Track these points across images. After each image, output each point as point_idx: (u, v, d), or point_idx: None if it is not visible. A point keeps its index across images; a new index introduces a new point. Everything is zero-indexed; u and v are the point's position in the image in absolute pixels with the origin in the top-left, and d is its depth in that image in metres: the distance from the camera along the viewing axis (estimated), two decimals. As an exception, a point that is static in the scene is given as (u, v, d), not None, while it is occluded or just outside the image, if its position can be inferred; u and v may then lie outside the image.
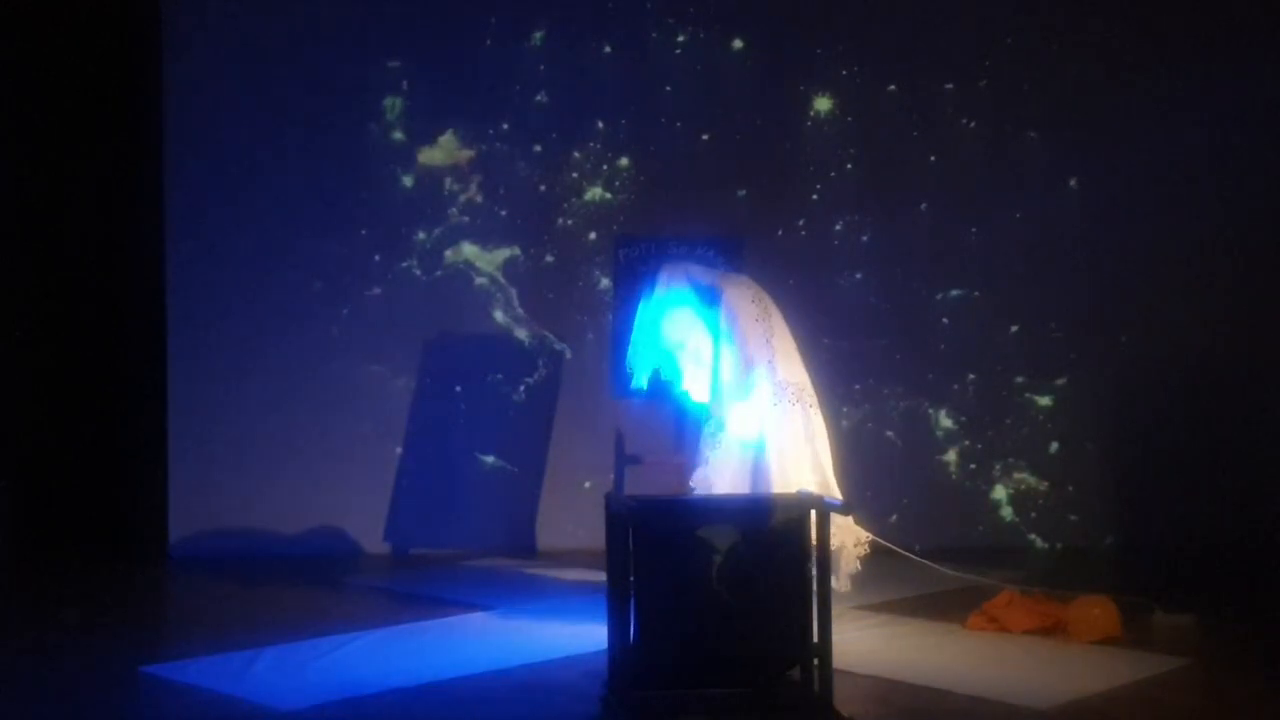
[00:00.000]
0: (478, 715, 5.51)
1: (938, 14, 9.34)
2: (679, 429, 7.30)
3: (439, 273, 9.34)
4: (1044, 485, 9.31)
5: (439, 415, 9.33)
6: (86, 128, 9.63)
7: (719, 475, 6.50)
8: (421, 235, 9.33)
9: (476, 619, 7.18)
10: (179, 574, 8.78)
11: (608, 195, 9.38)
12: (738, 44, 9.39)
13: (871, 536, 6.66)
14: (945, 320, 9.36)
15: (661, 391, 7.06)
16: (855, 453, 9.15)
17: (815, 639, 5.25)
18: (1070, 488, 9.30)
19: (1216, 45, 9.24)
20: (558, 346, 9.37)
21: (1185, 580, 8.02)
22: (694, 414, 6.87)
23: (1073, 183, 9.36)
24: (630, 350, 7.18)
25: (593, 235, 9.33)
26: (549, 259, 9.38)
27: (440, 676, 5.96)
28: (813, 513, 5.36)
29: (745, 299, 6.70)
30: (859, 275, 9.37)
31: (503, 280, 9.35)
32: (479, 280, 9.35)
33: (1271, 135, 9.25)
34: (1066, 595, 6.88)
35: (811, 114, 9.38)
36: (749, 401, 6.52)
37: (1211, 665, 6.12)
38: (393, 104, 9.32)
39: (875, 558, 7.48)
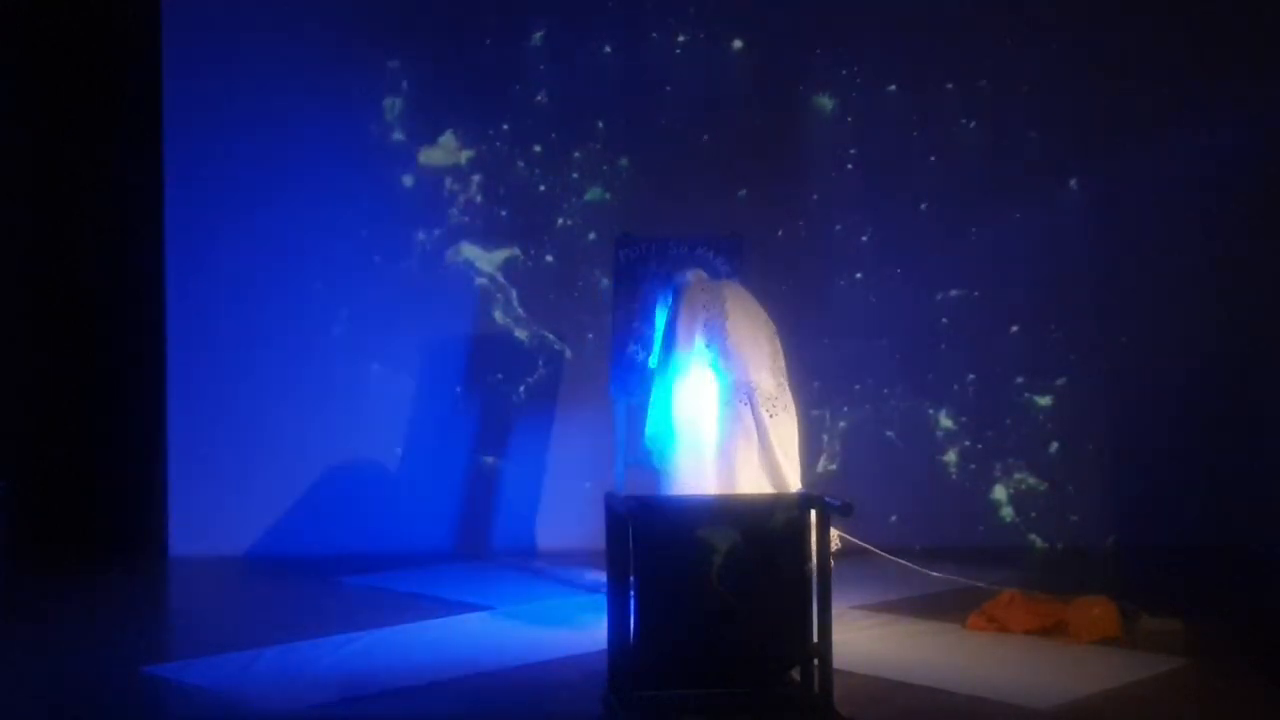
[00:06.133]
0: (478, 715, 5.51)
1: (938, 14, 9.34)
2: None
3: (439, 273, 9.35)
4: (1044, 485, 9.31)
5: (439, 415, 9.33)
6: (86, 128, 9.63)
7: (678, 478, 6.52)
8: (421, 235, 9.33)
9: (476, 619, 7.18)
10: (179, 574, 8.78)
11: (608, 195, 9.38)
12: (738, 44, 9.39)
13: (839, 533, 6.63)
14: (945, 320, 9.36)
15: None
16: (855, 453, 9.22)
17: (815, 639, 5.25)
18: (1070, 488, 9.30)
19: (1217, 44, 9.24)
20: (558, 346, 9.37)
21: (1184, 581, 8.03)
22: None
23: (1073, 183, 9.36)
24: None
25: (592, 235, 9.33)
26: (549, 259, 9.38)
27: (440, 676, 5.95)
28: (813, 513, 5.36)
29: (696, 301, 6.70)
30: (859, 275, 9.37)
31: (503, 280, 9.36)
32: (479, 280, 9.35)
33: (1272, 134, 9.24)
34: (1066, 595, 6.88)
35: (811, 114, 9.38)
36: (675, 387, 6.53)
37: (1212, 666, 6.11)
38: (393, 104, 9.33)
39: (876, 557, 7.50)
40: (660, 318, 7.14)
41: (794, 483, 6.49)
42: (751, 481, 6.35)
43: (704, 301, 6.69)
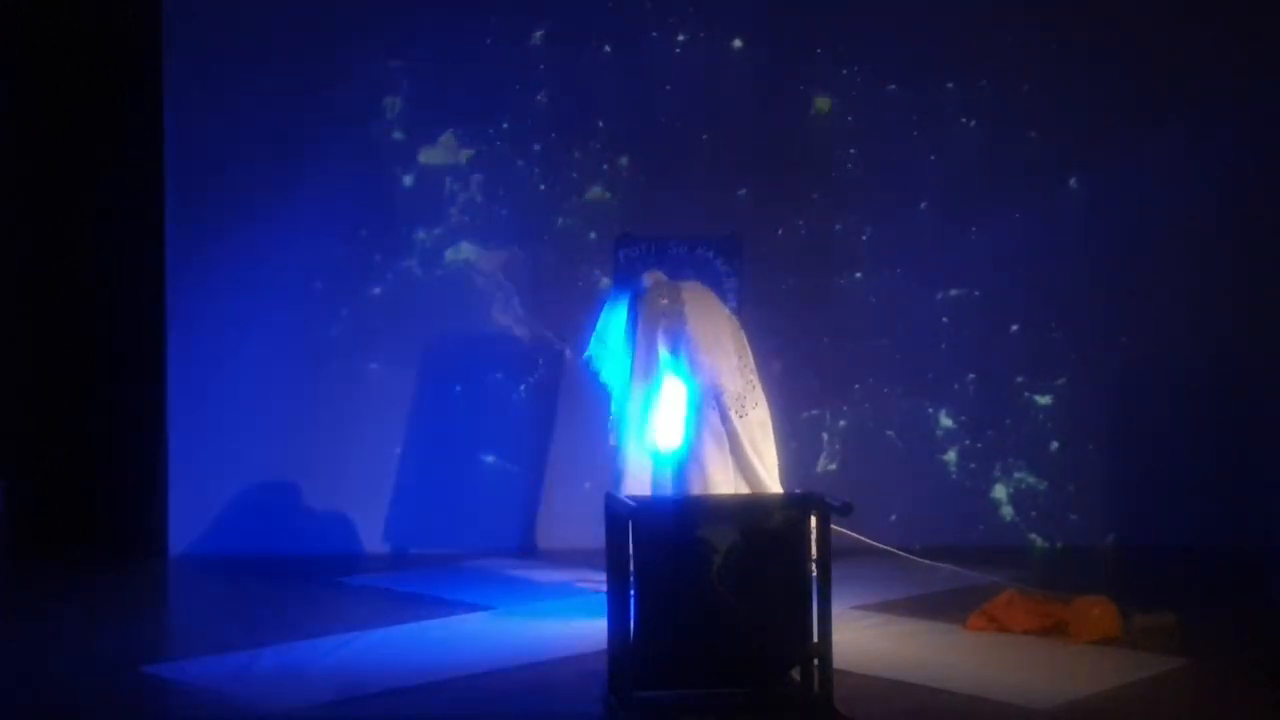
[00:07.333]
0: (478, 715, 5.51)
1: (938, 14, 9.34)
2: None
3: (439, 273, 9.35)
4: (1044, 485, 9.31)
5: (439, 415, 9.33)
6: (86, 127, 9.63)
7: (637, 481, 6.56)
8: (421, 235, 9.33)
9: (476, 619, 7.18)
10: (179, 574, 8.78)
11: (608, 195, 9.38)
12: (738, 44, 9.39)
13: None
14: (945, 320, 9.36)
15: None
16: (855, 453, 9.22)
17: (815, 639, 5.25)
18: (1070, 488, 9.29)
19: (1217, 43, 9.24)
20: (558, 346, 9.37)
21: (1184, 581, 8.02)
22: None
23: (1073, 183, 9.36)
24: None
25: (593, 235, 9.33)
26: (549, 259, 9.38)
27: (440, 676, 5.96)
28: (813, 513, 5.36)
29: (654, 310, 6.70)
30: (859, 275, 9.37)
31: (503, 280, 9.35)
32: (479, 280, 9.35)
33: (1273, 133, 9.24)
34: (1066, 595, 6.88)
35: (811, 114, 9.38)
36: (654, 406, 6.57)
37: (1211, 666, 6.11)
38: (393, 104, 9.32)
39: (876, 557, 7.51)
40: (612, 318, 7.11)
41: (770, 481, 6.50)
42: (727, 485, 6.37)
43: (662, 310, 6.69)
